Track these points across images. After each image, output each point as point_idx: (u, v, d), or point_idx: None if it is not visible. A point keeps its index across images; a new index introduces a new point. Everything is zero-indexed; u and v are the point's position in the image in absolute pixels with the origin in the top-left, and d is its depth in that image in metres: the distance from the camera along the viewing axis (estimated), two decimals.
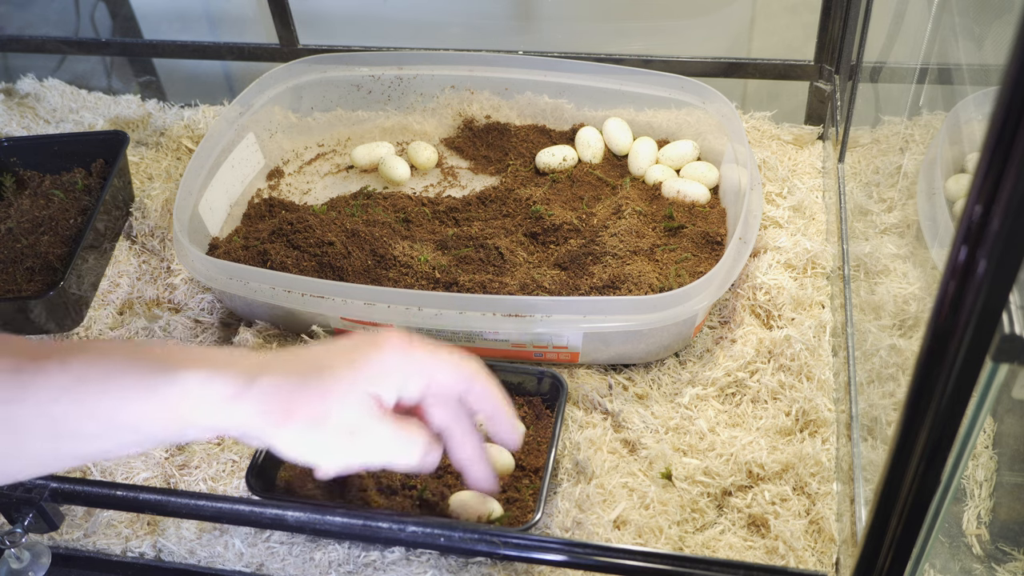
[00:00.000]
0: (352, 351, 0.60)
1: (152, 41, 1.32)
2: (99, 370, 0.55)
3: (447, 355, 0.63)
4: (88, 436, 0.55)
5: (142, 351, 0.57)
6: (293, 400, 0.57)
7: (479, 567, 0.74)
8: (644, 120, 1.09)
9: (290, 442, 0.58)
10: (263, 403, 0.57)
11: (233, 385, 0.56)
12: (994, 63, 0.69)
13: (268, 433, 0.58)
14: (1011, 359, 0.41)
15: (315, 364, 0.59)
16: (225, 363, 0.57)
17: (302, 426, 0.58)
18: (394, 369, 0.61)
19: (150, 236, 1.05)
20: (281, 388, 0.57)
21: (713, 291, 0.83)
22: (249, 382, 0.57)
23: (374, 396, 0.60)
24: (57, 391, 0.54)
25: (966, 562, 0.72)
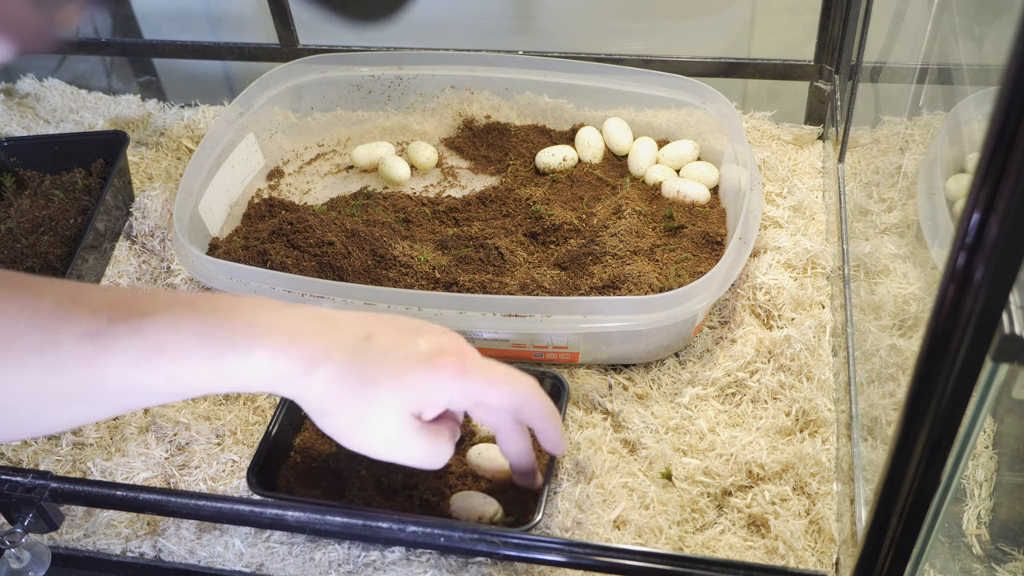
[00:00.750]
0: (406, 365, 0.62)
1: (152, 41, 1.32)
2: (173, 339, 0.58)
3: (501, 379, 0.65)
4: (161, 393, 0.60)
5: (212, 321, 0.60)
6: (338, 402, 0.61)
7: (479, 567, 0.74)
8: (644, 120, 1.09)
9: (329, 430, 0.63)
10: (315, 392, 0.61)
11: (295, 367, 0.60)
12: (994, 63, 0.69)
13: (313, 415, 0.63)
14: (1011, 359, 0.41)
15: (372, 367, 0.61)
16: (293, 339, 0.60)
17: (341, 425, 0.62)
18: (442, 394, 0.63)
19: (150, 236, 1.05)
20: (333, 386, 0.61)
21: (713, 291, 0.83)
22: (309, 370, 0.60)
23: (416, 412, 0.63)
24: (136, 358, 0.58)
25: (966, 562, 0.72)
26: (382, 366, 0.61)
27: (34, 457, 0.85)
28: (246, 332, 0.60)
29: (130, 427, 0.87)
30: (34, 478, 0.70)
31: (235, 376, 0.60)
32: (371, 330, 0.63)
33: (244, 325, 0.60)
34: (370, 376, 0.61)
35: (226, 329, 0.59)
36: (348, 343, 0.62)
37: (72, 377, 0.57)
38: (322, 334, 0.61)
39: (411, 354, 0.62)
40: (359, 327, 0.63)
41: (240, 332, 0.60)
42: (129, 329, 0.58)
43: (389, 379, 0.61)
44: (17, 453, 0.86)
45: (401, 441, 0.63)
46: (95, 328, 0.57)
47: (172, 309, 0.59)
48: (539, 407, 0.67)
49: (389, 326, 0.64)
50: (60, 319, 0.57)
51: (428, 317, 0.84)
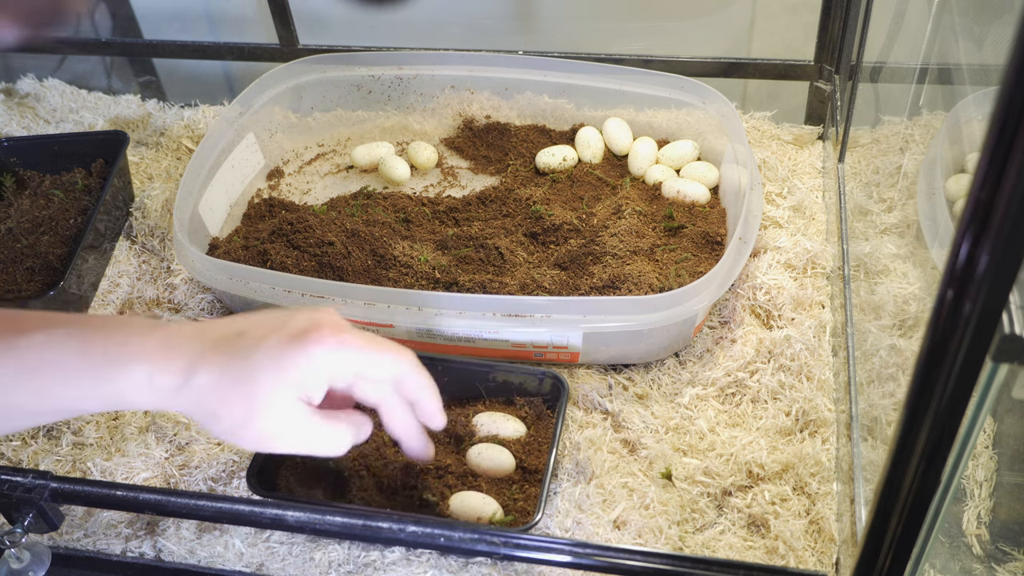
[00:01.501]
0: (281, 349, 0.61)
1: (152, 41, 1.32)
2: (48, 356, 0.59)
3: (378, 350, 0.64)
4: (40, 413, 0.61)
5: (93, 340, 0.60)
6: (223, 403, 0.61)
7: (479, 567, 0.74)
8: (644, 120, 1.09)
9: (221, 435, 0.63)
10: (197, 400, 0.61)
11: (173, 380, 0.60)
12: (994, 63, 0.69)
13: (202, 424, 0.62)
14: (1011, 359, 0.41)
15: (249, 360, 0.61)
16: (168, 352, 0.60)
17: (229, 426, 0.62)
18: (322, 369, 0.62)
19: (150, 236, 1.05)
20: (214, 389, 0.60)
21: (713, 291, 0.83)
22: (188, 377, 0.60)
23: (303, 397, 0.62)
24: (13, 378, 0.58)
25: (966, 562, 0.72)
26: (258, 356, 0.61)
27: (34, 457, 0.85)
28: (119, 350, 0.59)
29: (130, 427, 0.87)
30: (34, 478, 0.70)
31: (114, 395, 0.59)
32: (242, 327, 0.63)
33: (117, 344, 0.60)
34: (249, 369, 0.61)
35: (100, 347, 0.59)
36: (221, 343, 0.61)
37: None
38: (194, 340, 0.61)
39: (284, 337, 0.61)
40: (230, 327, 0.63)
41: (114, 351, 0.59)
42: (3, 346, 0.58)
43: (268, 367, 0.61)
44: (17, 453, 0.86)
45: (295, 430, 0.62)
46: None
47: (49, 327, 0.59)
48: (419, 379, 0.67)
49: (260, 319, 0.63)
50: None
51: (428, 317, 0.84)
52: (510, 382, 0.83)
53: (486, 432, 0.81)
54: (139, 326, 0.62)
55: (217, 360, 0.61)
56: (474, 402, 0.84)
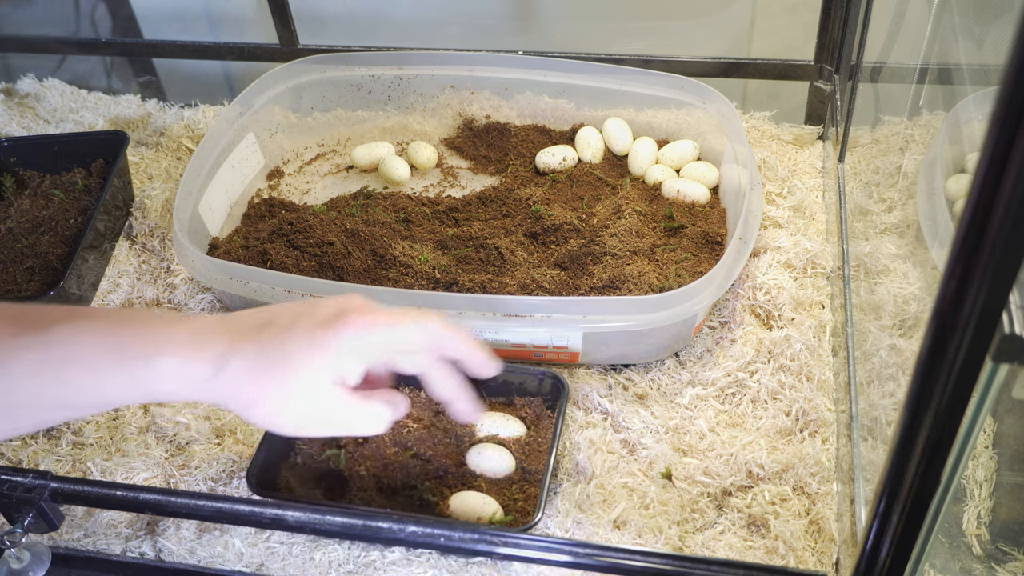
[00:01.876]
0: (315, 332, 0.62)
1: (152, 41, 1.32)
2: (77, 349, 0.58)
3: (406, 323, 0.64)
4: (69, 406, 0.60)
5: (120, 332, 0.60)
6: (259, 389, 0.61)
7: (479, 567, 0.74)
8: (644, 120, 1.09)
9: (259, 421, 0.62)
10: (233, 388, 0.60)
11: (206, 370, 0.60)
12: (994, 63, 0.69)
13: (238, 412, 0.62)
14: (1011, 359, 0.41)
15: (281, 346, 0.61)
16: (199, 343, 0.60)
17: (268, 410, 0.61)
18: (357, 349, 0.62)
19: (150, 236, 1.05)
20: (248, 375, 0.60)
21: (713, 291, 0.83)
22: (221, 366, 0.60)
23: (337, 379, 0.62)
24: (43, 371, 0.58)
25: (966, 562, 0.72)
26: (290, 342, 0.61)
27: (34, 457, 0.85)
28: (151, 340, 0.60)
29: (130, 427, 0.87)
30: (34, 478, 0.70)
31: (144, 385, 0.59)
32: (269, 317, 0.63)
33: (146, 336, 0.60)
34: (283, 354, 0.61)
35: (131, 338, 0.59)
36: (251, 332, 0.61)
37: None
38: (223, 332, 0.61)
39: (315, 323, 0.62)
40: (257, 317, 0.63)
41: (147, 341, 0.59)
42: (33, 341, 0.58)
43: (301, 351, 0.61)
44: (17, 453, 0.86)
45: (332, 412, 0.63)
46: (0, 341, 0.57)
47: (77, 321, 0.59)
48: (456, 336, 0.66)
49: (287, 309, 0.64)
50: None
51: None
52: (510, 382, 0.83)
53: (486, 432, 0.81)
54: (167, 318, 0.62)
55: (249, 348, 0.61)
56: None
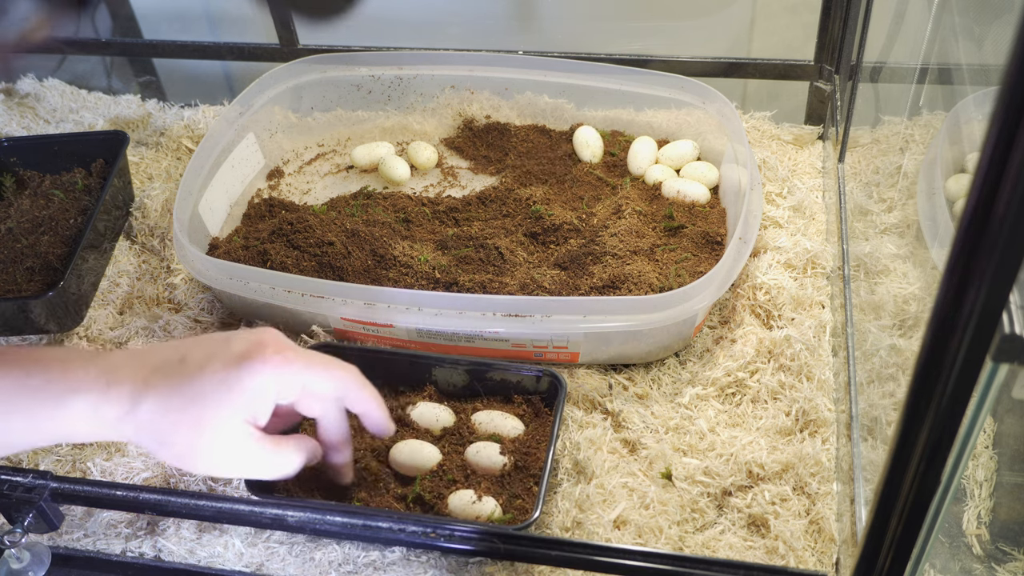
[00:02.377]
0: (227, 370, 0.61)
1: (152, 41, 1.32)
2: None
3: (321, 367, 0.65)
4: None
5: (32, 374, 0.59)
6: (171, 431, 0.61)
7: (479, 567, 0.74)
8: (644, 120, 1.09)
9: (170, 460, 0.63)
10: (144, 430, 0.60)
11: (118, 409, 0.60)
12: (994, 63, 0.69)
13: (151, 451, 0.62)
14: (1011, 359, 0.41)
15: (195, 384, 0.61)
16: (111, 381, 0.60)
17: (180, 450, 0.62)
18: (269, 389, 0.62)
19: (150, 236, 1.05)
20: (163, 414, 0.60)
21: (713, 291, 0.83)
22: (133, 404, 0.60)
23: (250, 419, 0.62)
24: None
25: (966, 562, 0.72)
26: (203, 380, 0.61)
27: (34, 457, 0.85)
28: (60, 384, 0.59)
29: None
30: (34, 478, 0.70)
31: (59, 428, 0.59)
32: (183, 352, 0.62)
33: (57, 377, 0.59)
34: (195, 393, 0.60)
35: (41, 379, 0.59)
36: (164, 369, 0.61)
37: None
38: (136, 368, 0.61)
39: (228, 359, 0.61)
40: (171, 353, 0.62)
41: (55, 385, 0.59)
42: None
43: (214, 390, 0.60)
44: (17, 453, 0.86)
45: (243, 454, 0.63)
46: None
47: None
48: (362, 392, 0.68)
49: (200, 343, 0.63)
50: None
51: (428, 317, 0.84)
52: (508, 380, 0.83)
53: (484, 430, 0.81)
54: (78, 357, 0.61)
55: (161, 386, 0.60)
56: (472, 400, 0.84)
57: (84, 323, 0.97)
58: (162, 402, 0.60)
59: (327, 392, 0.66)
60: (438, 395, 0.85)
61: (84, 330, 0.97)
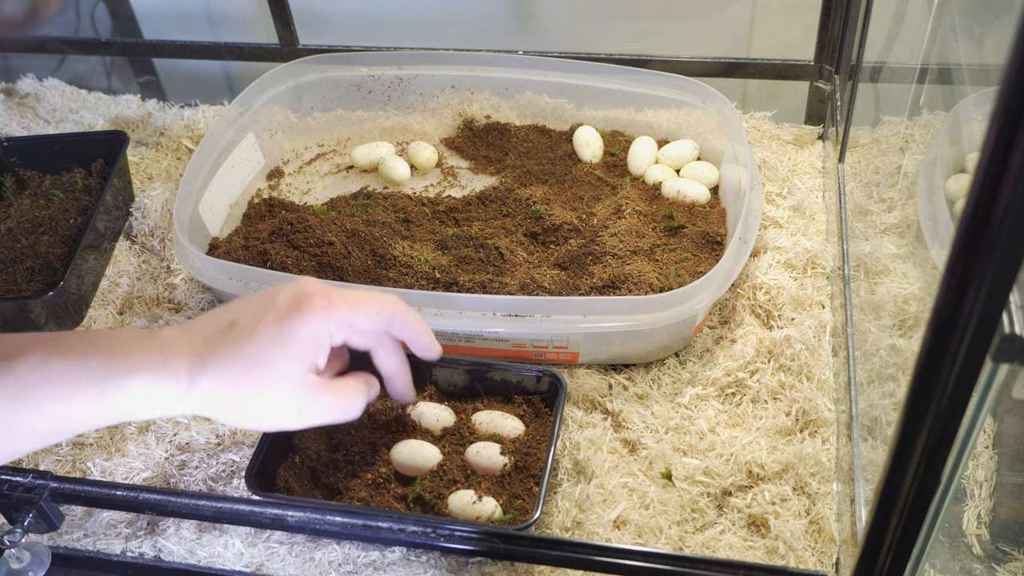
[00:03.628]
0: (279, 325, 0.63)
1: (152, 41, 1.32)
2: (45, 376, 0.58)
3: (365, 301, 0.67)
4: (41, 435, 0.59)
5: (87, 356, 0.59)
6: (237, 397, 0.62)
7: (479, 567, 0.74)
8: (644, 120, 1.09)
9: (240, 423, 0.64)
10: (209, 398, 0.61)
11: (177, 386, 0.60)
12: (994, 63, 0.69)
13: (218, 418, 0.63)
14: (1011, 359, 0.41)
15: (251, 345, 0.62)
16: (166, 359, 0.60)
17: (249, 412, 0.63)
18: (322, 334, 0.64)
19: (150, 236, 1.05)
20: (224, 382, 0.61)
21: (713, 291, 0.83)
22: (192, 379, 0.60)
23: (310, 366, 0.64)
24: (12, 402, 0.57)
25: (966, 562, 0.72)
26: (257, 340, 0.62)
27: (34, 457, 0.85)
28: (118, 362, 0.59)
29: (130, 427, 0.87)
30: (34, 478, 0.70)
31: (115, 407, 0.59)
32: (231, 317, 0.63)
33: (115, 355, 0.59)
34: (252, 355, 0.61)
35: (98, 361, 0.59)
36: (216, 338, 0.62)
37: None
38: (188, 342, 0.61)
39: (277, 313, 0.63)
40: (219, 320, 0.63)
41: (113, 363, 0.59)
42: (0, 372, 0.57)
43: (271, 346, 0.62)
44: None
45: (310, 402, 0.64)
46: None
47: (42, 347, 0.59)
48: (407, 318, 0.70)
49: (246, 304, 0.64)
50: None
51: (428, 317, 0.84)
52: (508, 381, 0.83)
53: (484, 430, 0.81)
54: (133, 337, 0.61)
55: (218, 355, 0.61)
56: (472, 400, 0.84)
57: (84, 323, 0.98)
58: (222, 371, 0.61)
59: (375, 326, 0.68)
60: (438, 395, 0.85)
61: (84, 330, 0.97)
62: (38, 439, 0.60)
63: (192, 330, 0.62)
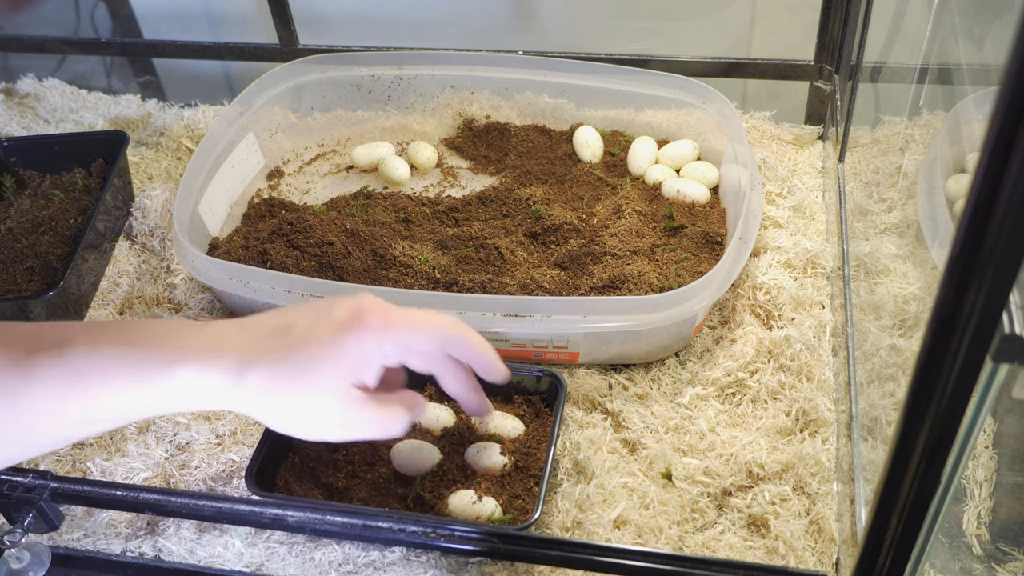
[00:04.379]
0: (333, 337, 0.62)
1: (152, 41, 1.32)
2: (95, 363, 0.58)
3: (423, 323, 0.65)
4: (87, 422, 0.59)
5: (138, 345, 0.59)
6: (283, 396, 0.61)
7: (479, 567, 0.74)
8: (644, 120, 1.09)
9: (281, 427, 0.63)
10: (255, 396, 0.60)
11: (225, 380, 0.59)
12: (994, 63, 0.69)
13: (260, 419, 0.62)
14: (1011, 359, 0.41)
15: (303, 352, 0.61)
16: (217, 352, 0.60)
17: (289, 419, 0.62)
18: (375, 352, 0.63)
19: (150, 236, 1.05)
20: (272, 383, 0.60)
21: (713, 291, 0.83)
22: (240, 375, 0.60)
23: (358, 383, 0.62)
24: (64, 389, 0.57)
25: (966, 562, 0.72)
26: (310, 346, 0.61)
27: (34, 457, 0.85)
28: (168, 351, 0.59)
29: (130, 427, 0.87)
30: (34, 478, 0.70)
31: (164, 397, 0.59)
32: (288, 320, 0.63)
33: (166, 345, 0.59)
34: (304, 361, 0.61)
35: (148, 350, 0.59)
36: (270, 339, 0.62)
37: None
38: (241, 337, 0.61)
39: (333, 325, 0.62)
40: (276, 321, 0.63)
41: (164, 352, 0.59)
42: (50, 357, 0.57)
43: (323, 356, 0.61)
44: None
45: (354, 416, 0.63)
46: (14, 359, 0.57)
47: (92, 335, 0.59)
48: (467, 340, 0.67)
49: (304, 311, 0.64)
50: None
51: None
52: (508, 380, 0.83)
53: (484, 430, 0.81)
54: (184, 328, 0.61)
55: (269, 355, 0.61)
56: None
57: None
58: (270, 371, 0.60)
59: (433, 348, 0.66)
60: (438, 395, 0.85)
61: None
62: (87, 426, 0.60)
63: (245, 327, 0.62)
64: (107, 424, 0.61)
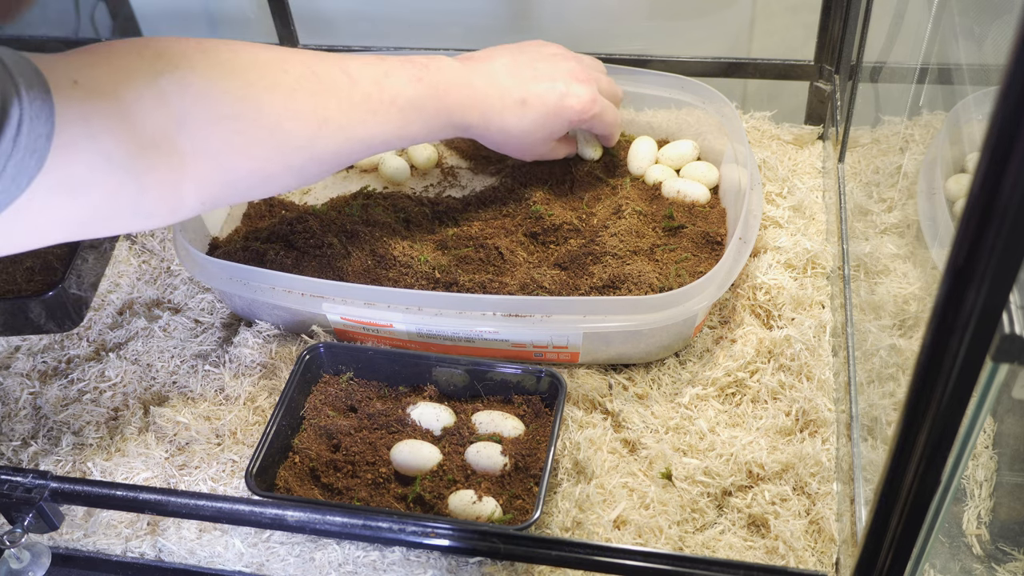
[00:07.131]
0: (560, 98, 0.92)
1: None
2: (419, 108, 0.85)
3: (609, 122, 0.98)
4: (389, 146, 0.85)
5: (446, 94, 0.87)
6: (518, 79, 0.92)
7: (479, 567, 0.74)
8: (644, 120, 1.09)
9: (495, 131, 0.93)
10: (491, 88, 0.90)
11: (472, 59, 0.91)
12: (994, 63, 0.69)
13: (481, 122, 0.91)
14: (1011, 359, 0.41)
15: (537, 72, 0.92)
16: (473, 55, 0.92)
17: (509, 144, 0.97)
18: (566, 124, 0.96)
19: (150, 236, 1.05)
20: (508, 76, 0.92)
21: (713, 291, 0.83)
22: (489, 57, 0.91)
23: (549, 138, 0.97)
24: (395, 129, 0.84)
25: (966, 562, 0.72)
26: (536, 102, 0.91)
27: (34, 457, 0.85)
28: (423, 58, 0.86)
29: (130, 427, 0.87)
30: (34, 478, 0.70)
31: (451, 131, 0.88)
32: (539, 71, 0.93)
33: (417, 60, 0.84)
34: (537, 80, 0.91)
35: (451, 100, 0.86)
36: (515, 48, 0.94)
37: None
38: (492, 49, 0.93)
39: (557, 94, 0.91)
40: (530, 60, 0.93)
41: (418, 59, 0.85)
42: (385, 105, 0.82)
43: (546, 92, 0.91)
44: (17, 453, 0.86)
45: (545, 149, 0.97)
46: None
47: (413, 82, 0.84)
48: (614, 133, 1.01)
49: (550, 68, 0.92)
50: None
51: (428, 317, 0.84)
52: (507, 381, 0.83)
53: (484, 430, 0.81)
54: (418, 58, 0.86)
55: (514, 50, 0.93)
56: (472, 400, 0.84)
57: (84, 323, 0.98)
58: (514, 57, 0.91)
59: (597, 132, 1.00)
60: (438, 395, 0.85)
61: (84, 330, 0.97)
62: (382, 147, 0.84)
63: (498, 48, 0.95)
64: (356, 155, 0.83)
